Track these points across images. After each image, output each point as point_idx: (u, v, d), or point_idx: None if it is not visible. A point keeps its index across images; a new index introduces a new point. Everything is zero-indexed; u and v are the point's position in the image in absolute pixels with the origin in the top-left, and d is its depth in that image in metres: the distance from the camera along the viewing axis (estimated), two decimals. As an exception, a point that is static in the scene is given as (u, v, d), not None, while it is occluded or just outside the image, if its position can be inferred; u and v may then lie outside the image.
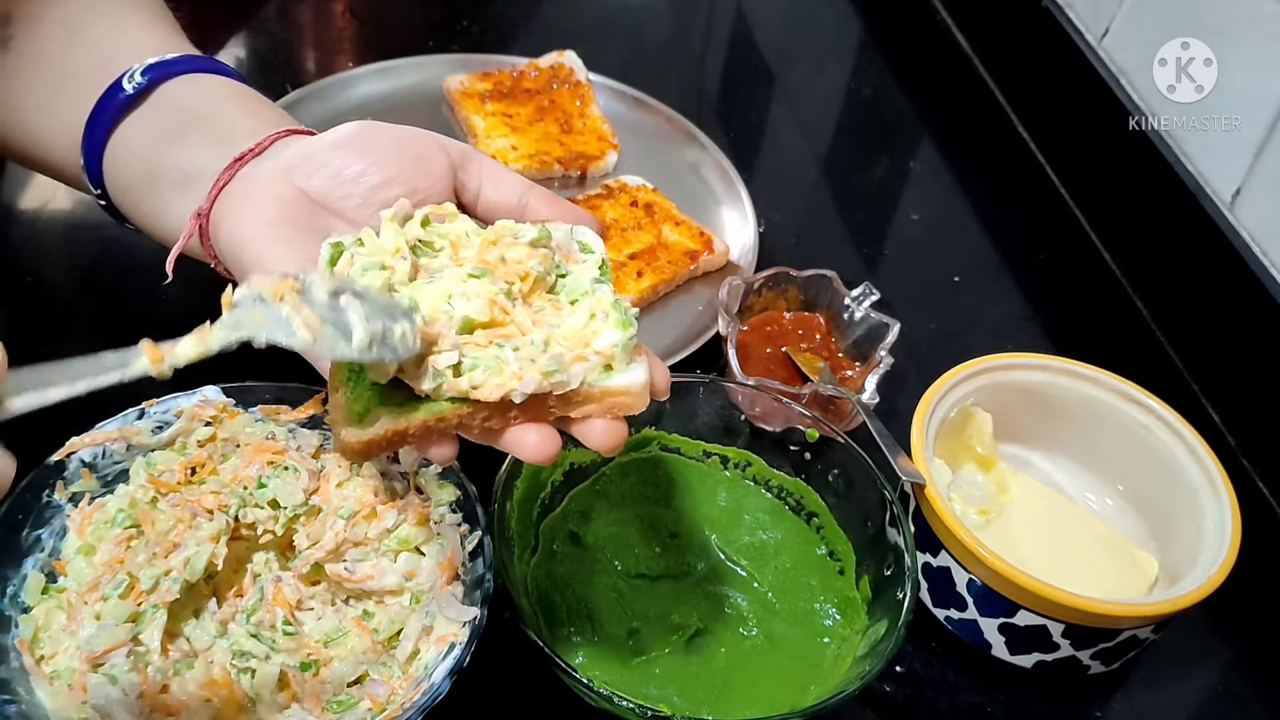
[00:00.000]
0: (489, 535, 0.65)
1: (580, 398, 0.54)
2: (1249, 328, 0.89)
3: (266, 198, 0.59)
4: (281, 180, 0.60)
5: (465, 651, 0.61)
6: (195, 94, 0.66)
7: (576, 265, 0.58)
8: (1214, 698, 0.76)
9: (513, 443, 0.54)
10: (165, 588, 0.61)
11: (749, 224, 0.98)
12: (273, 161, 0.61)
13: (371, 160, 0.60)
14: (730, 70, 1.25)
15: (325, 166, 0.60)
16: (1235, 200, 0.91)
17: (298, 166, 0.60)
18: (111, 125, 0.65)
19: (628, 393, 0.54)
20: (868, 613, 0.69)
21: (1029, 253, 1.06)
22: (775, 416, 0.75)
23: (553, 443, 0.54)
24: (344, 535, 0.65)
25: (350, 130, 0.61)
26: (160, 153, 0.64)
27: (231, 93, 0.67)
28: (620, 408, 0.54)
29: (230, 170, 0.61)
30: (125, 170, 0.65)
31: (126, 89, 0.64)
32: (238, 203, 0.60)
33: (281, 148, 0.62)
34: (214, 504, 0.65)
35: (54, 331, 0.84)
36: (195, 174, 0.62)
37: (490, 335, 0.53)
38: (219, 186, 0.61)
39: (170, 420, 0.69)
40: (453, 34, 1.19)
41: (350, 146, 0.61)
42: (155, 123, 0.65)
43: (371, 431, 0.52)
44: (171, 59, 0.66)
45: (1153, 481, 0.77)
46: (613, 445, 0.54)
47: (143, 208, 0.66)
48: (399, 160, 0.60)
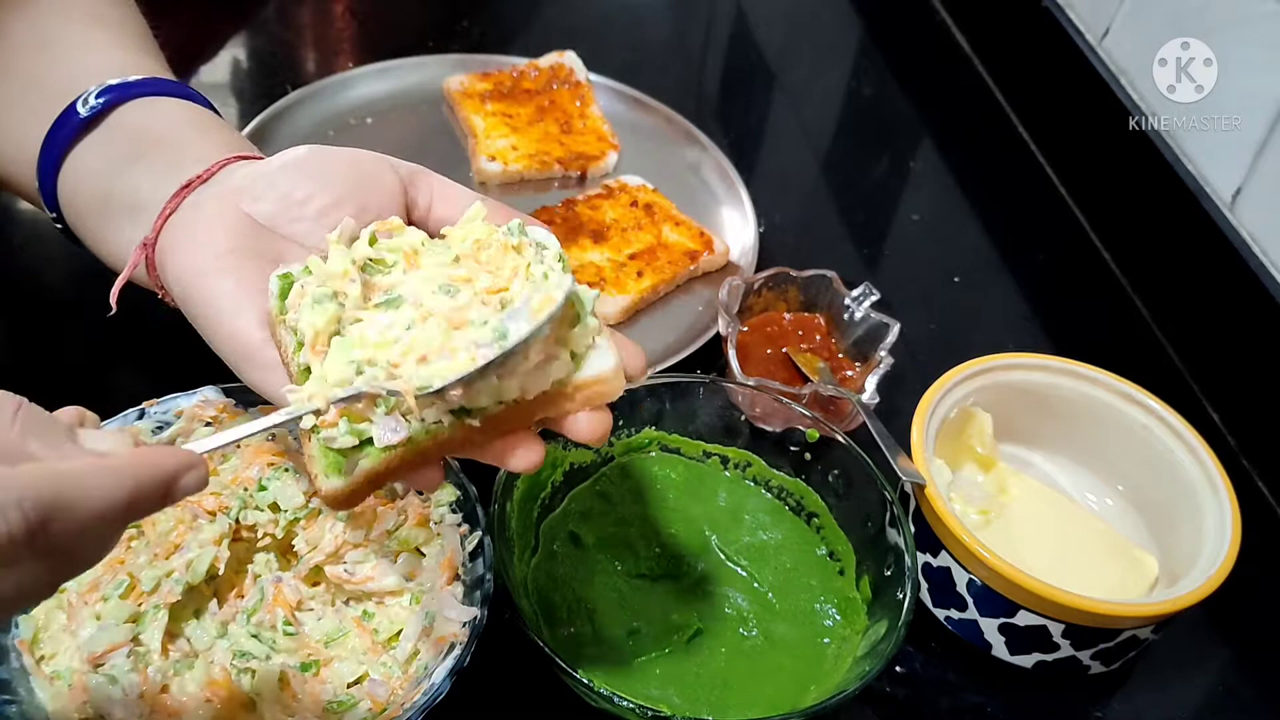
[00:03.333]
0: (489, 536, 0.65)
1: (556, 397, 0.53)
2: (1249, 328, 0.89)
3: (215, 227, 0.58)
4: (229, 207, 0.58)
5: (465, 652, 0.61)
6: (151, 118, 0.64)
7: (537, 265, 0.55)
8: (1214, 698, 0.76)
9: (496, 457, 0.54)
10: (167, 589, 0.61)
11: (749, 224, 0.98)
12: (219, 187, 0.60)
13: (320, 182, 0.59)
14: (730, 70, 1.25)
15: (272, 189, 0.59)
16: (1235, 200, 0.91)
17: (245, 190, 0.59)
18: (66, 147, 0.64)
19: (601, 381, 0.53)
20: (868, 613, 0.69)
21: (1029, 253, 1.06)
22: (775, 417, 0.75)
23: (538, 453, 0.54)
24: (343, 538, 0.65)
25: (298, 154, 0.60)
26: (112, 178, 0.63)
27: (188, 116, 0.65)
28: (599, 397, 0.53)
29: (177, 198, 0.60)
30: (78, 194, 0.64)
31: (81, 112, 0.63)
32: (185, 233, 0.58)
33: (229, 173, 0.61)
34: (215, 505, 0.65)
35: (53, 334, 0.84)
36: (143, 201, 0.61)
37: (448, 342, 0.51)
38: (164, 215, 0.60)
39: (170, 420, 0.69)
40: (453, 34, 1.19)
41: (298, 169, 0.59)
42: (109, 146, 0.63)
43: (353, 479, 0.51)
44: (132, 81, 0.65)
45: (1153, 481, 0.77)
46: (599, 435, 0.54)
47: (95, 233, 0.64)
48: (348, 181, 0.59)
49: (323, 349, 0.52)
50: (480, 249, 0.55)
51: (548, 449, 0.70)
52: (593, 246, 0.93)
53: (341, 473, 0.51)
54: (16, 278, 0.87)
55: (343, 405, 0.50)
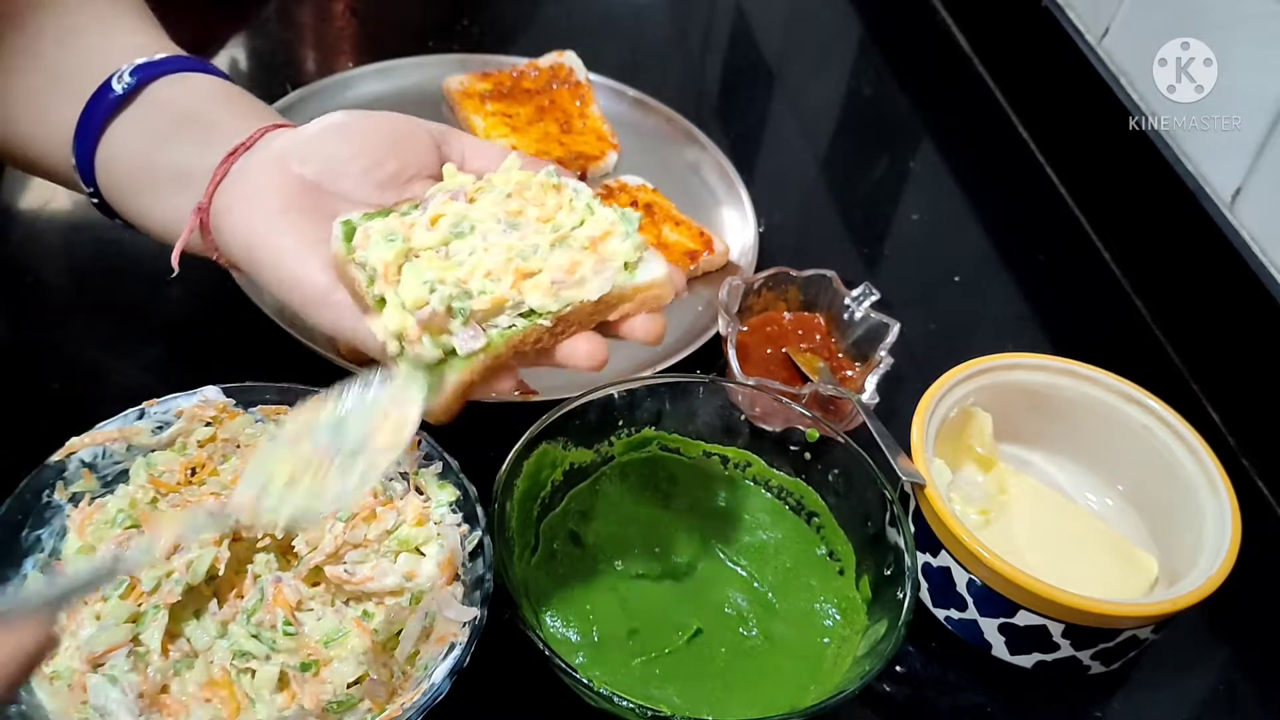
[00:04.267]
0: (489, 535, 0.65)
1: (615, 299, 0.59)
2: (1249, 328, 0.89)
3: (267, 188, 0.61)
4: (278, 169, 0.61)
5: (465, 651, 0.61)
6: (183, 93, 0.67)
7: (573, 196, 0.62)
8: (1214, 698, 0.76)
9: (566, 356, 0.59)
10: (167, 589, 0.61)
11: (749, 224, 0.98)
12: (264, 153, 0.63)
13: (360, 144, 0.63)
14: (730, 70, 1.25)
15: (316, 153, 0.62)
16: (1235, 200, 0.91)
17: (290, 154, 0.62)
18: (102, 125, 0.66)
19: (655, 284, 0.59)
20: (868, 613, 0.69)
21: (1029, 253, 1.06)
22: (775, 416, 0.75)
23: (602, 349, 0.58)
24: (343, 538, 0.65)
25: (336, 119, 0.64)
26: (151, 151, 0.65)
27: (218, 91, 0.68)
28: (652, 300, 0.60)
29: (225, 165, 0.63)
30: (117, 169, 0.66)
31: (116, 89, 0.66)
32: (239, 195, 0.62)
33: (269, 140, 0.64)
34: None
35: (53, 331, 0.84)
36: (188, 170, 0.64)
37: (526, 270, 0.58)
38: (215, 181, 0.62)
39: (170, 420, 0.69)
40: (453, 34, 1.19)
41: (338, 132, 0.63)
42: (145, 122, 0.66)
43: (444, 393, 0.56)
44: (159, 59, 0.67)
45: (1153, 481, 0.77)
46: (656, 336, 0.60)
47: (136, 205, 0.67)
48: (386, 142, 0.63)
49: (395, 278, 0.56)
50: (524, 189, 0.60)
51: (548, 449, 0.71)
52: (593, 246, 0.93)
53: (435, 390, 0.56)
54: (15, 276, 0.87)
55: (424, 320, 0.54)
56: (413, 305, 0.55)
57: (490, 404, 0.80)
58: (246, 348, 0.83)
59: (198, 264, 0.89)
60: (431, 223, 0.58)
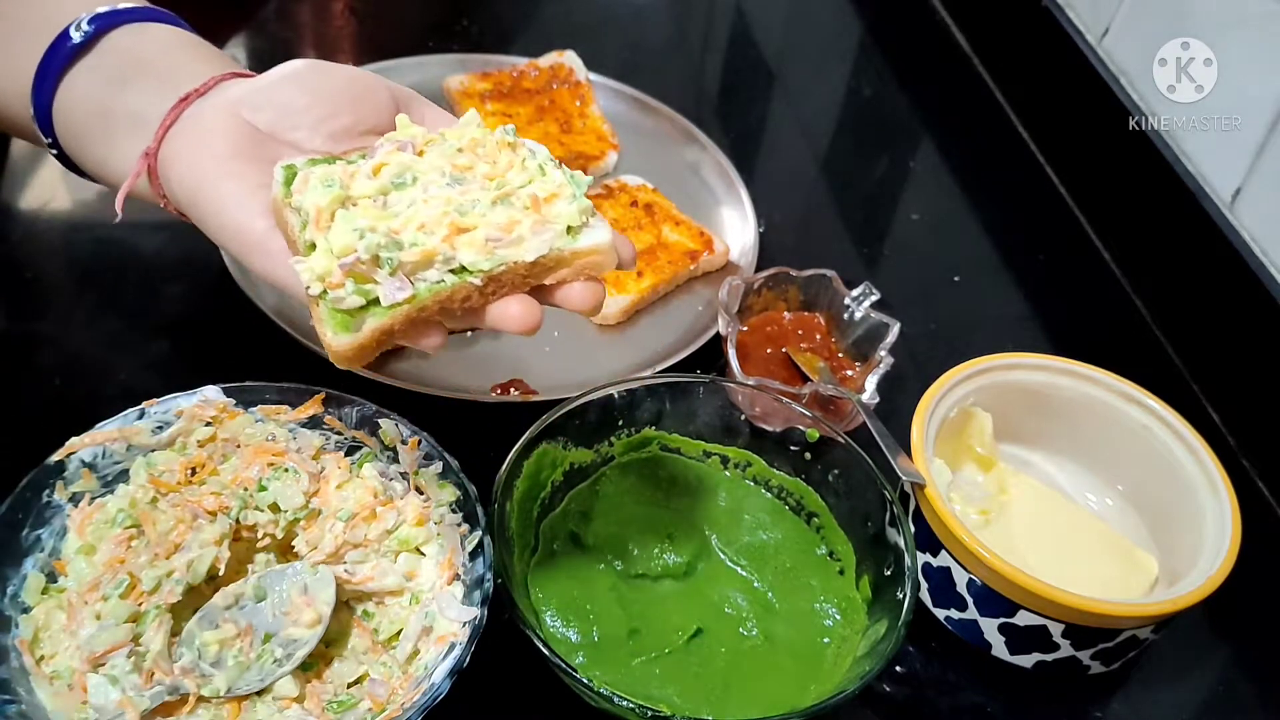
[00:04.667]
0: (489, 535, 0.65)
1: (552, 263, 0.56)
2: (1249, 328, 0.89)
3: (216, 134, 0.60)
4: (229, 116, 0.61)
5: (465, 651, 0.61)
6: (142, 41, 0.67)
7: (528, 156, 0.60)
8: (1214, 698, 0.76)
9: (496, 318, 0.56)
10: (167, 589, 0.61)
11: (749, 224, 0.98)
12: (217, 99, 0.62)
13: (316, 94, 0.62)
14: (730, 70, 1.25)
15: (270, 101, 0.61)
16: (1235, 200, 0.91)
17: (244, 100, 0.61)
18: (60, 73, 0.66)
19: (596, 250, 0.57)
20: (868, 613, 0.69)
21: (1029, 253, 1.06)
22: (775, 416, 0.75)
23: (535, 312, 0.56)
24: (343, 538, 0.65)
25: (295, 66, 0.63)
26: (108, 98, 0.65)
27: (178, 40, 0.69)
28: (592, 267, 0.57)
29: (176, 110, 0.63)
30: (74, 117, 0.67)
31: (74, 37, 0.66)
32: (187, 141, 0.61)
33: (225, 87, 0.64)
34: (215, 505, 0.65)
35: (53, 331, 0.84)
36: (142, 116, 0.64)
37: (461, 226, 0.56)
38: (165, 126, 0.62)
39: (170, 420, 0.69)
40: (453, 34, 1.19)
41: (295, 81, 0.62)
42: (102, 69, 0.66)
43: (360, 335, 0.54)
44: (120, 9, 0.68)
45: (1152, 481, 0.77)
46: (593, 305, 0.57)
47: (92, 153, 0.67)
48: (345, 95, 0.62)
49: (327, 223, 0.55)
50: (477, 145, 0.59)
51: (548, 449, 0.71)
52: (593, 246, 0.93)
53: (350, 330, 0.54)
54: (15, 274, 0.87)
55: (348, 267, 0.53)
56: (340, 252, 0.54)
57: (490, 404, 0.81)
58: (246, 348, 0.83)
59: (197, 263, 0.90)
60: (374, 172, 0.57)
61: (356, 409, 0.71)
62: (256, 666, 0.62)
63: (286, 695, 0.62)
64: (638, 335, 0.90)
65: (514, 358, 0.86)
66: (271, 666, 0.62)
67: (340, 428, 0.71)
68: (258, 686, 0.61)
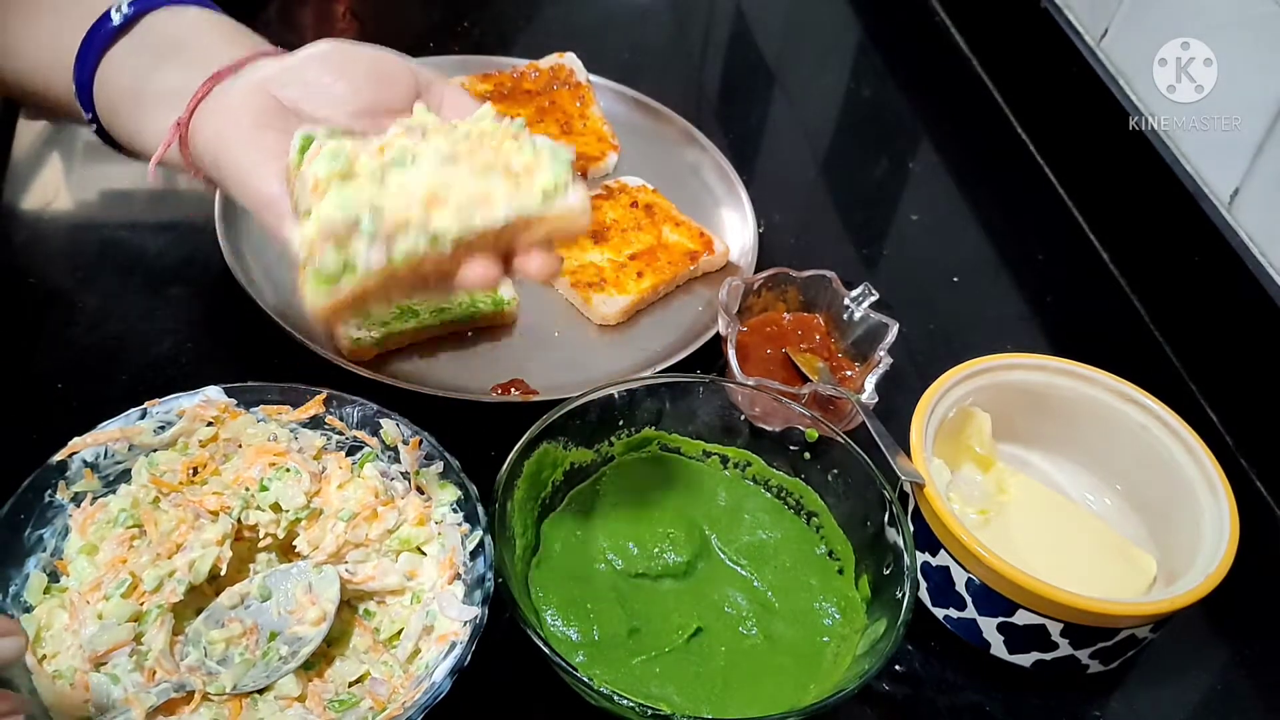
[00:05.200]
0: (490, 535, 0.66)
1: (523, 226, 0.59)
2: (1247, 328, 0.89)
3: (243, 107, 0.64)
4: (258, 91, 0.65)
5: (466, 651, 0.61)
6: (179, 23, 0.71)
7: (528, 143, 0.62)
8: (1212, 697, 0.76)
9: (461, 279, 0.60)
10: (169, 589, 0.62)
11: (749, 224, 0.98)
12: (248, 77, 0.66)
13: (342, 74, 0.66)
14: (730, 71, 1.26)
15: (297, 79, 0.65)
16: (1234, 200, 0.91)
17: (273, 79, 0.65)
18: (101, 53, 0.70)
19: (567, 214, 0.59)
20: (867, 612, 0.69)
21: (1029, 253, 1.06)
22: (775, 416, 0.76)
23: (495, 271, 0.59)
24: (344, 538, 0.66)
25: (323, 48, 0.67)
26: (145, 76, 0.69)
27: (212, 22, 0.72)
28: (562, 231, 0.60)
29: (207, 85, 0.66)
30: (113, 93, 0.70)
31: (114, 19, 0.70)
32: (216, 112, 0.65)
33: (256, 66, 0.67)
34: (217, 505, 0.65)
35: (55, 331, 0.84)
36: (176, 92, 0.67)
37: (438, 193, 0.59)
38: (197, 99, 0.66)
39: (172, 420, 0.69)
40: (453, 35, 1.19)
41: (323, 61, 0.66)
42: (141, 49, 0.70)
43: (337, 296, 0.58)
44: None
45: (1151, 481, 0.77)
46: (548, 273, 0.60)
47: (128, 127, 0.71)
48: (369, 76, 0.66)
49: (323, 193, 0.57)
50: (485, 137, 0.61)
51: (548, 449, 0.71)
52: (593, 247, 0.93)
53: (329, 289, 0.58)
54: (18, 276, 0.87)
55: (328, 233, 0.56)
56: (326, 219, 0.56)
57: (491, 404, 0.81)
58: (248, 348, 0.83)
59: (199, 264, 0.90)
60: (379, 151, 0.59)
61: (358, 409, 0.71)
62: (262, 664, 0.62)
63: (288, 694, 0.62)
64: (638, 335, 0.90)
65: (514, 358, 0.86)
66: (277, 664, 0.62)
67: (341, 428, 0.71)
68: (263, 684, 0.61)
